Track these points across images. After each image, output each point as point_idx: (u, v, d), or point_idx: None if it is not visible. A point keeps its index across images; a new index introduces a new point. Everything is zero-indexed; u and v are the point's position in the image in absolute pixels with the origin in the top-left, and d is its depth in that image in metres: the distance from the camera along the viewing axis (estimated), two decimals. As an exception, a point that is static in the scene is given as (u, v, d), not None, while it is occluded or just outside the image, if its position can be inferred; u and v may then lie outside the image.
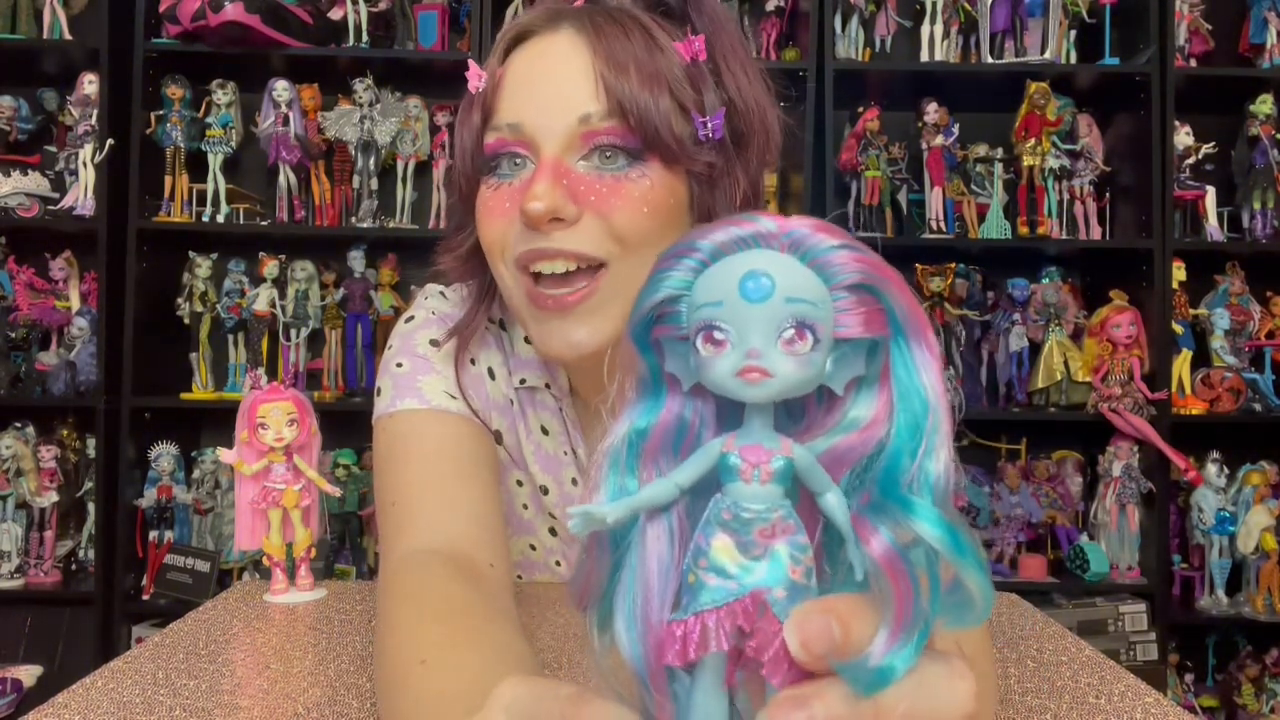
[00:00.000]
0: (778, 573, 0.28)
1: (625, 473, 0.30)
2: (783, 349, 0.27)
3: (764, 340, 0.28)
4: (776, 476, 0.28)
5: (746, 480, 0.28)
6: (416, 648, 0.58)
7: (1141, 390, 2.27)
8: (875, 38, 2.45)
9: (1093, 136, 2.42)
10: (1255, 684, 2.32)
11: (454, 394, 0.80)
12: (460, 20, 2.44)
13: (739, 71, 0.74)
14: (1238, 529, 2.28)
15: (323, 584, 1.01)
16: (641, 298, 0.30)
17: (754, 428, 0.29)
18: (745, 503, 0.28)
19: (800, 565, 0.28)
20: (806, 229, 0.28)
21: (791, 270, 0.28)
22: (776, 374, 0.27)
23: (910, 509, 0.27)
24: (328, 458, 2.34)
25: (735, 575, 0.28)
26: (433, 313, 0.86)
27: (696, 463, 0.30)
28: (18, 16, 2.37)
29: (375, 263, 2.42)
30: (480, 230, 0.74)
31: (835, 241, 0.28)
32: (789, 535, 0.28)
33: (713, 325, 0.28)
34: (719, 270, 0.29)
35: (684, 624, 0.28)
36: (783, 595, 0.27)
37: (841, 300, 0.28)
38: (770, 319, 0.27)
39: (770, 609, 0.27)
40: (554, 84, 0.70)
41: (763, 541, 0.28)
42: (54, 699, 0.66)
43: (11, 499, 2.30)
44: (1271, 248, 2.39)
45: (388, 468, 0.78)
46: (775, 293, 0.27)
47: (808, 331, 0.27)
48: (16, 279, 2.42)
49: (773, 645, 0.27)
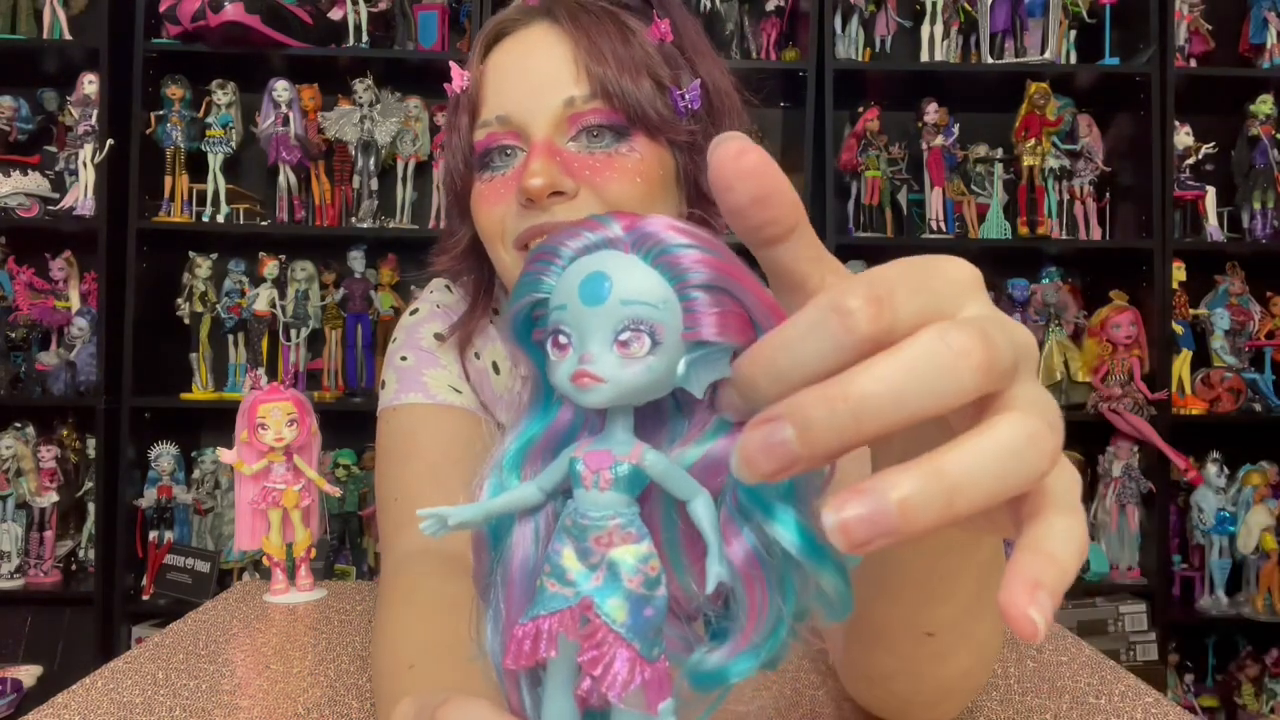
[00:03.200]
0: (613, 582, 0.27)
1: (507, 474, 0.30)
2: (618, 351, 0.27)
3: (599, 344, 0.27)
4: (617, 483, 0.28)
5: (587, 487, 0.28)
6: (406, 652, 0.58)
7: (1141, 390, 2.28)
8: (875, 38, 2.45)
9: (1093, 136, 2.42)
10: (1255, 684, 2.32)
11: (459, 388, 0.81)
12: (460, 20, 2.44)
13: (705, 55, 0.77)
14: (1238, 529, 2.28)
15: (323, 584, 1.01)
16: (511, 299, 0.30)
17: (612, 433, 0.29)
18: (585, 510, 0.28)
19: (638, 575, 0.27)
20: (656, 228, 0.27)
21: (631, 271, 0.27)
22: (608, 379, 0.27)
23: (770, 513, 0.26)
24: (328, 458, 2.34)
25: (573, 582, 0.27)
26: (437, 305, 0.86)
27: (557, 467, 0.29)
28: (18, 16, 2.37)
29: (375, 263, 2.42)
30: (478, 219, 0.75)
31: (683, 240, 0.27)
32: (628, 544, 0.27)
33: (558, 329, 0.28)
34: (569, 273, 0.28)
35: (524, 628, 0.28)
36: (617, 604, 0.27)
37: (693, 300, 0.27)
38: (606, 322, 0.27)
39: (600, 619, 0.27)
40: (536, 73, 0.72)
41: (599, 550, 0.27)
42: (54, 699, 0.66)
43: (11, 499, 2.30)
44: (1271, 248, 2.39)
45: (390, 463, 0.79)
46: (610, 295, 0.27)
47: (645, 334, 0.27)
48: (16, 279, 2.42)
49: (604, 658, 0.26)
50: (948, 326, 0.23)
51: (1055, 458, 0.24)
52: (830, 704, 0.65)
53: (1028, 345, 0.25)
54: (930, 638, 0.47)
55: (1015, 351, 0.24)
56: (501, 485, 0.30)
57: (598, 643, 0.27)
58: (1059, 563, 0.23)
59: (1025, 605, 0.22)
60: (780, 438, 0.23)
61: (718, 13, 2.38)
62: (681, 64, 0.74)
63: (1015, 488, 0.23)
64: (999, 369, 0.23)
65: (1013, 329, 0.25)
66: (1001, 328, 0.24)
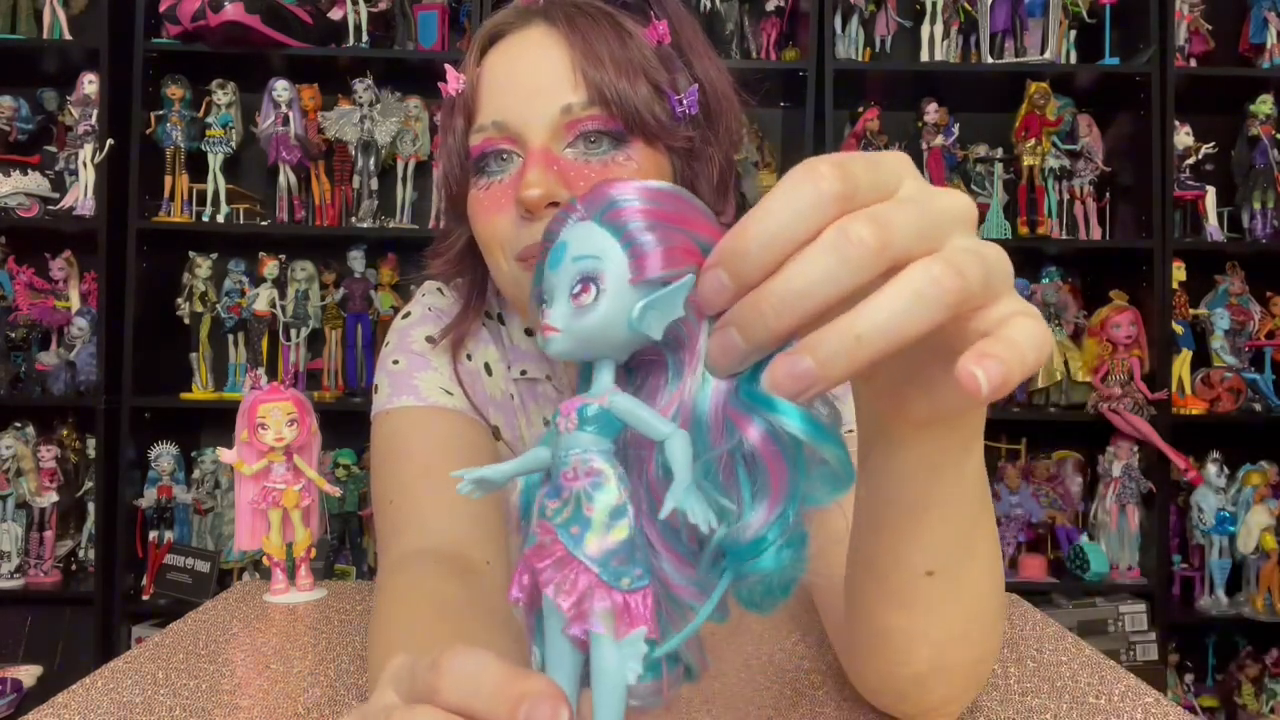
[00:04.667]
0: (576, 512, 0.29)
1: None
2: (573, 303, 0.30)
3: (559, 300, 0.30)
4: (584, 423, 0.30)
5: (560, 429, 0.31)
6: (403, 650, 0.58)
7: (1141, 390, 2.28)
8: (875, 38, 2.45)
9: (1093, 136, 2.42)
10: (1255, 684, 2.32)
11: (450, 390, 0.80)
12: (460, 20, 2.44)
13: (703, 55, 0.76)
14: (1238, 529, 2.28)
15: (323, 584, 1.01)
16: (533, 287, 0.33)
17: (595, 384, 0.31)
18: (558, 449, 0.31)
19: (599, 504, 0.29)
20: (604, 191, 0.31)
21: (583, 233, 0.30)
22: (563, 328, 0.30)
23: (773, 407, 0.29)
24: (328, 457, 2.35)
25: (549, 518, 0.30)
26: (429, 309, 0.86)
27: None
28: (18, 16, 2.37)
29: (375, 263, 2.42)
30: (476, 228, 0.74)
31: (627, 195, 0.30)
32: (592, 478, 0.29)
33: (541, 294, 0.32)
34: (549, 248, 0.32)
35: (520, 569, 0.31)
36: (578, 532, 0.29)
37: (639, 246, 0.30)
38: (564, 280, 0.30)
39: (561, 546, 0.29)
40: (533, 78, 0.71)
41: (568, 485, 0.30)
42: (54, 699, 0.66)
43: (11, 499, 2.30)
44: (1271, 248, 2.39)
45: (385, 466, 0.79)
46: (565, 255, 0.30)
47: (591, 284, 0.30)
48: (16, 279, 2.42)
49: (570, 586, 0.29)
50: (930, 263, 0.28)
51: (960, 293, 0.28)
52: (830, 704, 0.65)
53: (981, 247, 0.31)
54: (929, 578, 0.48)
55: (984, 267, 0.29)
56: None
57: (562, 570, 0.29)
58: (1014, 343, 0.28)
59: (972, 365, 0.27)
60: (803, 367, 0.27)
61: (718, 13, 2.38)
62: (679, 66, 0.73)
63: (920, 325, 0.28)
64: (971, 291, 0.28)
65: (967, 238, 0.31)
66: (966, 250, 0.29)
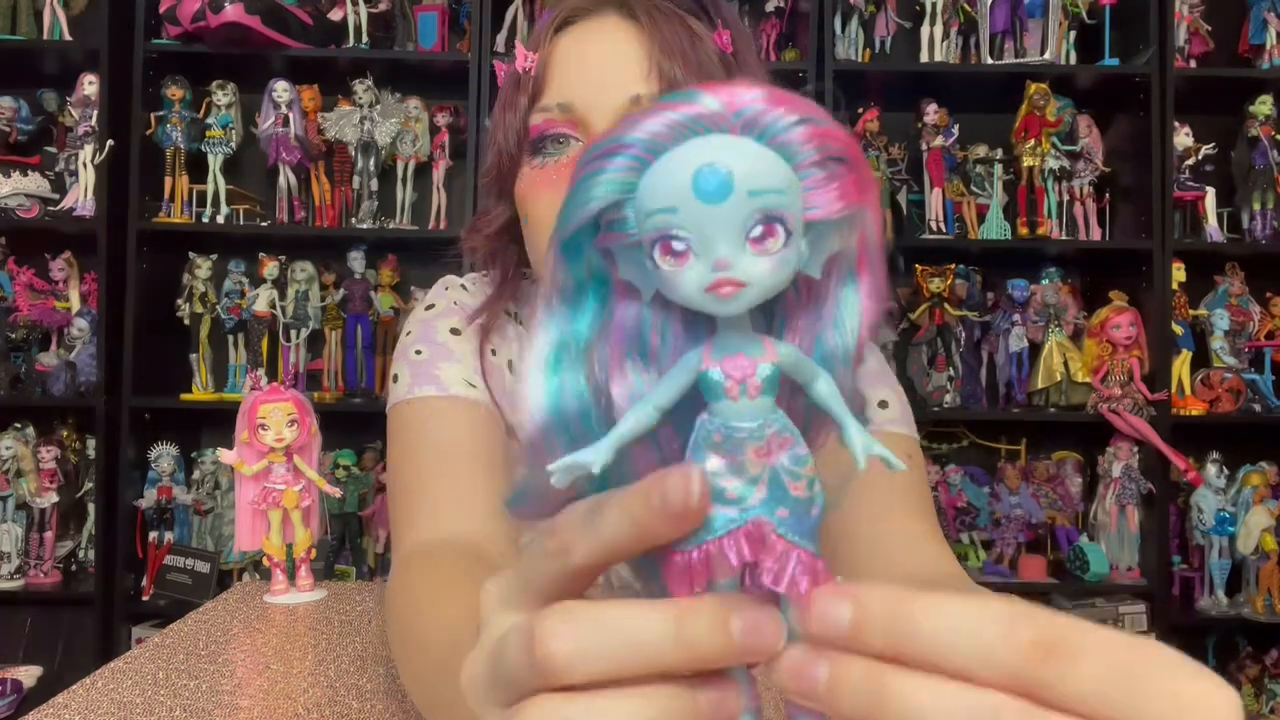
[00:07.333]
0: (778, 492, 0.25)
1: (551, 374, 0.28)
2: (752, 250, 0.24)
3: (730, 245, 0.24)
4: (766, 388, 0.26)
5: (734, 398, 0.26)
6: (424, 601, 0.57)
7: (1141, 391, 2.28)
8: (875, 38, 2.45)
9: (1092, 137, 2.42)
10: (1255, 684, 2.32)
11: (473, 382, 0.79)
12: (460, 21, 2.44)
13: (755, 70, 0.76)
14: (1237, 530, 2.28)
15: (323, 584, 1.01)
16: (569, 209, 0.27)
17: (731, 336, 0.26)
18: (735, 422, 0.26)
19: (801, 480, 0.26)
20: (759, 103, 0.24)
21: (750, 156, 0.24)
22: (750, 281, 0.24)
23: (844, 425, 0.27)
24: (328, 458, 2.34)
25: (734, 500, 0.25)
26: (455, 303, 0.84)
27: (674, 381, 0.27)
28: (18, 17, 2.37)
29: (375, 264, 2.42)
30: (529, 204, 0.73)
31: (794, 116, 0.25)
32: (787, 449, 0.26)
33: (669, 235, 0.25)
34: (665, 167, 0.25)
35: (688, 555, 0.26)
36: (786, 515, 0.25)
37: (810, 179, 0.25)
38: (734, 219, 0.24)
39: (774, 534, 0.25)
40: (605, 64, 0.70)
41: (759, 460, 0.25)
42: (54, 699, 0.66)
43: (11, 499, 2.30)
44: (1271, 248, 2.39)
45: (402, 456, 0.77)
46: (736, 187, 0.24)
47: (778, 226, 0.24)
48: (16, 280, 2.42)
49: (787, 571, 0.25)
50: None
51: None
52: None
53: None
54: None
55: None
56: (562, 382, 0.28)
57: (777, 557, 0.25)
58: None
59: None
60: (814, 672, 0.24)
61: (718, 13, 2.38)
62: (740, 76, 0.73)
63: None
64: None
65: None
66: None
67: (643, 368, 0.28)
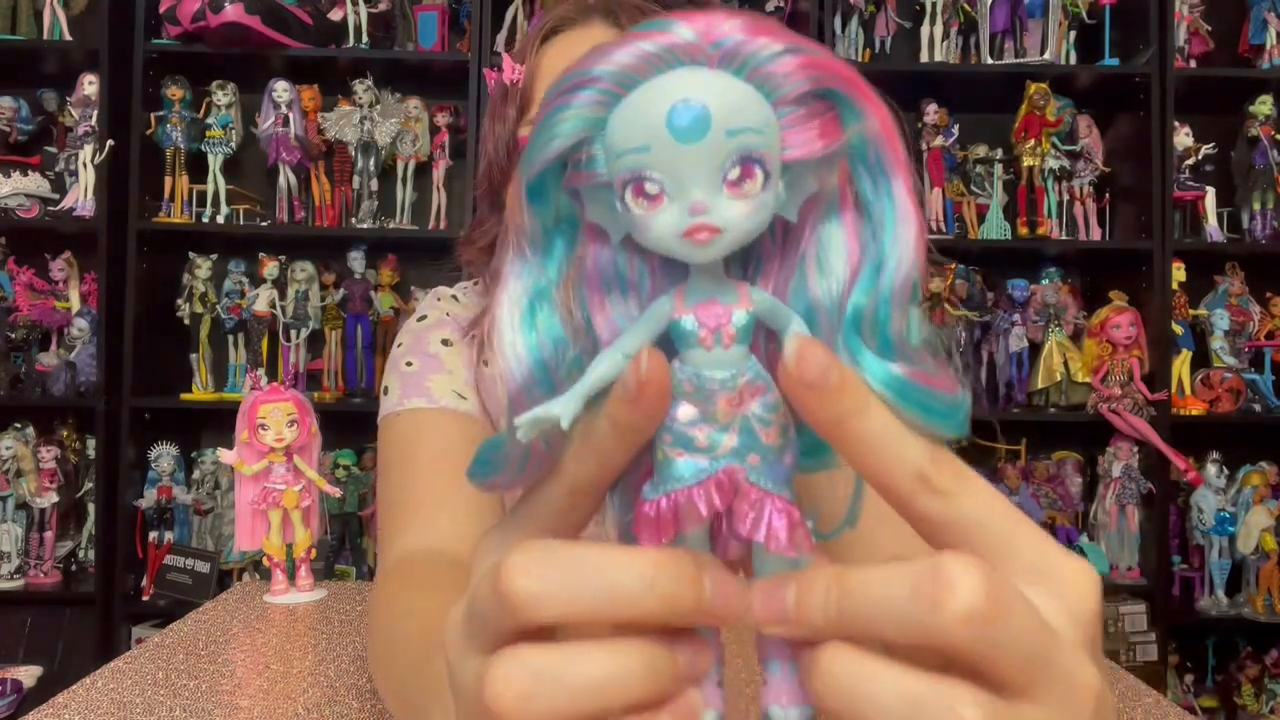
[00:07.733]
0: (750, 440, 0.25)
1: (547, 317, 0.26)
2: (729, 193, 0.23)
3: (706, 187, 0.23)
4: (740, 336, 0.25)
5: (708, 347, 0.24)
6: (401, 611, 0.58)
7: (1141, 391, 2.28)
8: (875, 38, 2.45)
9: (1092, 137, 2.42)
10: (1255, 684, 2.32)
11: (464, 394, 0.80)
12: (460, 21, 2.44)
13: None
14: (1237, 529, 2.28)
15: (323, 584, 1.01)
16: (533, 148, 0.25)
17: (704, 281, 0.25)
18: (708, 371, 0.25)
19: (772, 426, 0.25)
20: (739, 33, 0.23)
21: (728, 91, 0.23)
22: (727, 227, 0.23)
23: (857, 356, 0.25)
24: (328, 458, 2.34)
25: (705, 449, 0.24)
26: (447, 314, 0.85)
27: (644, 328, 0.25)
28: (18, 17, 2.37)
29: (375, 263, 2.42)
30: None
31: (778, 46, 0.23)
32: (759, 396, 0.25)
33: (641, 176, 0.23)
34: (636, 102, 0.23)
35: (655, 504, 0.25)
36: (757, 461, 0.25)
37: (789, 115, 0.23)
38: (710, 159, 0.22)
39: (747, 481, 0.24)
40: None
41: (730, 409, 0.24)
42: (54, 699, 0.66)
43: (11, 499, 2.30)
44: (1271, 248, 2.39)
45: (391, 468, 0.78)
46: (712, 125, 0.22)
47: (756, 167, 0.23)
48: (16, 280, 2.42)
49: (764, 518, 0.24)
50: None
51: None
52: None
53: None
54: None
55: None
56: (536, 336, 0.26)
57: (751, 504, 0.24)
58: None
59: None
60: (781, 598, 0.24)
61: (717, 13, 2.38)
62: None
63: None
64: None
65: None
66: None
67: (621, 299, 0.27)
